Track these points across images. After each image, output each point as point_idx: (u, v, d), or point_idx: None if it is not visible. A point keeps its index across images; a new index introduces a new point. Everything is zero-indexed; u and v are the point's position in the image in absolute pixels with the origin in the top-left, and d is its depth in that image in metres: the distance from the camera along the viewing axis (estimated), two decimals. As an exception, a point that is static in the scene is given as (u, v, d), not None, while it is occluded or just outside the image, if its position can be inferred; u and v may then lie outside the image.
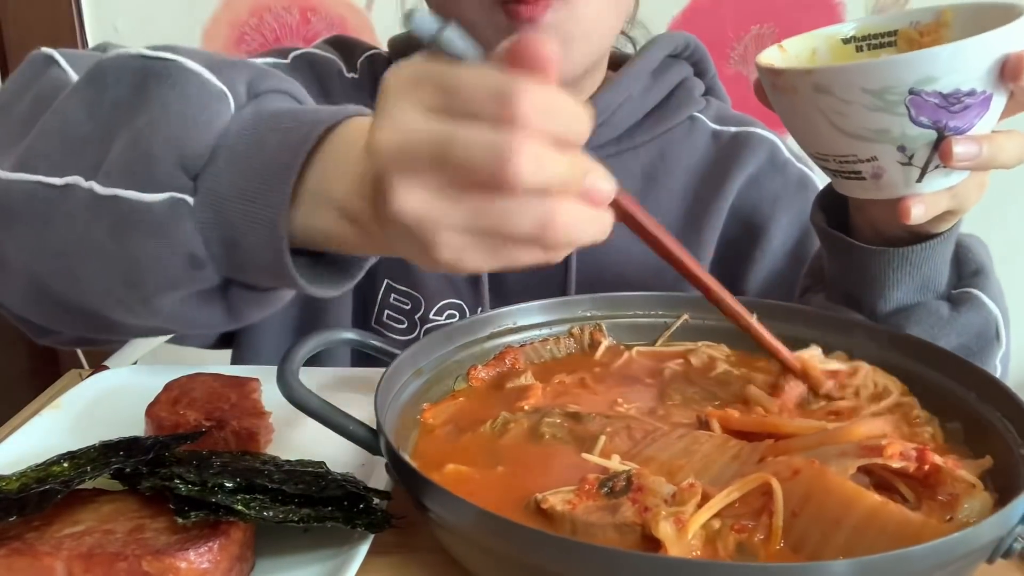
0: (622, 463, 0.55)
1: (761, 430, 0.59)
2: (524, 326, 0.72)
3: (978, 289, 0.75)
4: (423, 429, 0.62)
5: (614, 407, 0.64)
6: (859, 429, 0.55)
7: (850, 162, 0.64)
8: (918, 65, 0.58)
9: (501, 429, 0.61)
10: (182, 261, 0.56)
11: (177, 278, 0.57)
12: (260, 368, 0.74)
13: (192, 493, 0.50)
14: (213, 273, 0.57)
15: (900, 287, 0.74)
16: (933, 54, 0.58)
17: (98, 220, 0.56)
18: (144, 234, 0.55)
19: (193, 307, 0.59)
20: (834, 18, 1.64)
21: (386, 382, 0.58)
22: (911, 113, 0.59)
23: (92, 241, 0.57)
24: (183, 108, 0.56)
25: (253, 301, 0.61)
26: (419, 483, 0.49)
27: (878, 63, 0.59)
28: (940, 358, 0.64)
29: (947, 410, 0.62)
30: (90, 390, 0.74)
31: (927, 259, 0.72)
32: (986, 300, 0.75)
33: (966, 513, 0.49)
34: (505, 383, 0.68)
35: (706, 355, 0.72)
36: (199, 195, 0.55)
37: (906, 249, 0.72)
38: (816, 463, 0.50)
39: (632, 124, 0.96)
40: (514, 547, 0.45)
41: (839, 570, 0.42)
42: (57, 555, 0.47)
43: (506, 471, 0.56)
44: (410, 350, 0.63)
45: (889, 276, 0.73)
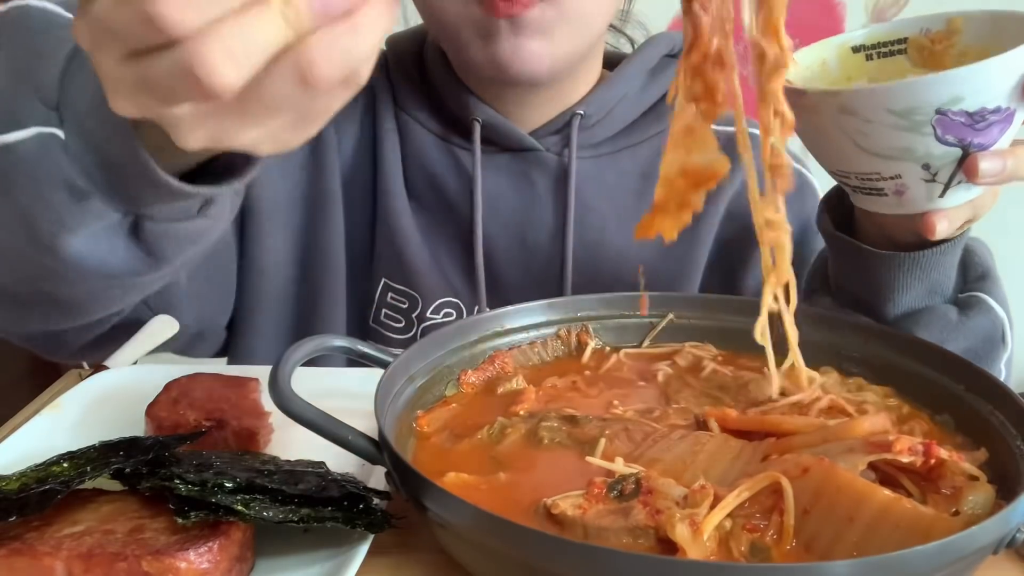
0: (626, 466, 0.54)
1: (760, 428, 0.59)
2: (512, 329, 0.72)
3: (985, 293, 0.75)
4: (419, 437, 0.62)
5: (610, 409, 0.64)
6: (862, 425, 0.55)
7: (872, 179, 0.64)
8: (945, 86, 0.58)
9: (498, 435, 0.61)
10: (64, 195, 0.54)
11: (66, 214, 0.55)
12: (260, 368, 0.74)
13: (192, 493, 0.50)
14: (100, 202, 0.55)
15: (909, 291, 0.74)
16: (961, 75, 0.57)
17: None
18: (21, 176, 0.54)
19: (105, 249, 0.57)
20: (834, 18, 1.64)
21: (382, 390, 0.58)
22: (937, 132, 0.59)
23: None
24: (29, 40, 0.55)
25: (169, 234, 0.58)
26: (430, 494, 0.49)
27: (905, 85, 0.59)
28: (926, 351, 0.65)
29: (936, 403, 0.63)
30: (90, 390, 0.74)
31: (936, 264, 0.72)
32: (993, 304, 0.75)
33: (971, 506, 0.50)
34: (496, 388, 0.68)
35: (691, 355, 0.72)
36: (65, 124, 0.53)
37: (916, 254, 0.71)
38: (826, 460, 0.50)
39: (629, 123, 0.96)
40: (536, 555, 0.45)
41: (843, 570, 0.42)
42: (57, 555, 0.47)
43: (509, 478, 0.56)
44: (403, 356, 0.63)
45: (899, 280, 0.73)
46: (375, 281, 0.95)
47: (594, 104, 0.91)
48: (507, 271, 0.94)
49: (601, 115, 0.92)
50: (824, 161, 0.67)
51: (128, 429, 0.61)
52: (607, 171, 0.94)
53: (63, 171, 0.54)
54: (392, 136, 0.95)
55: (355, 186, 0.95)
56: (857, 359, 0.69)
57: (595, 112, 0.92)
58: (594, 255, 0.93)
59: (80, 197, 0.55)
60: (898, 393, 0.65)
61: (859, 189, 0.67)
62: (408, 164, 0.94)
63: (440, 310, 0.94)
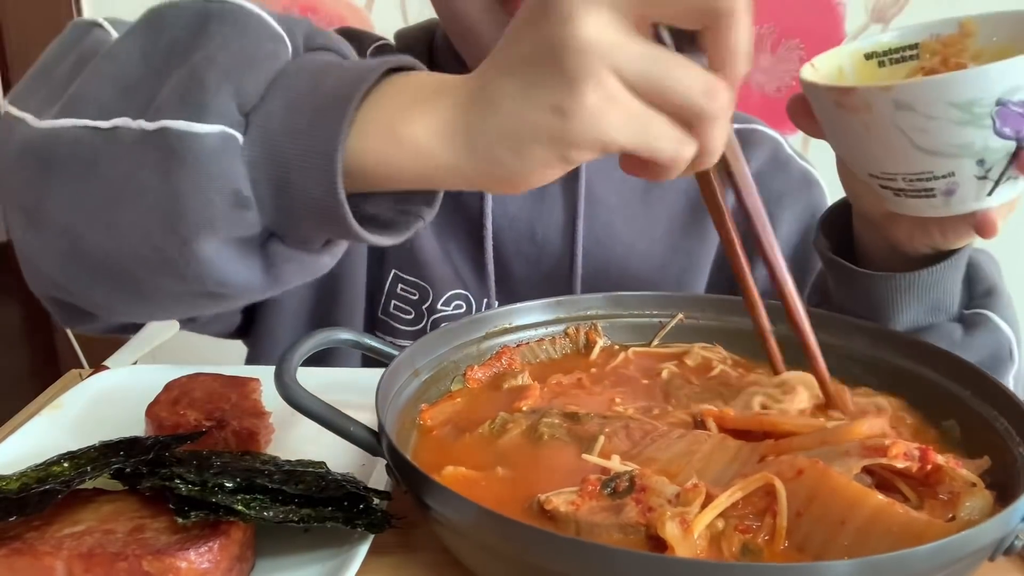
0: (623, 463, 0.55)
1: (758, 428, 0.59)
2: (520, 326, 0.72)
3: (990, 310, 0.75)
4: (421, 430, 0.62)
5: (611, 407, 0.64)
6: (859, 428, 0.55)
7: (923, 180, 0.62)
8: (1007, 75, 0.57)
9: (500, 429, 0.61)
10: (227, 199, 0.54)
11: (219, 217, 0.55)
12: (260, 368, 0.74)
13: (192, 493, 0.50)
14: (256, 216, 0.55)
15: (908, 311, 0.73)
16: (1020, 64, 0.56)
17: (144, 157, 0.54)
18: (191, 167, 0.53)
19: (232, 258, 0.57)
20: (834, 18, 1.64)
21: (385, 383, 0.58)
22: (996, 124, 0.58)
23: (136, 181, 0.55)
24: (242, 44, 0.55)
25: (294, 260, 0.59)
26: (424, 485, 0.49)
27: (965, 75, 0.57)
28: (932, 355, 0.64)
29: (942, 408, 0.62)
30: (90, 390, 0.74)
31: (936, 282, 0.72)
32: (999, 322, 0.74)
33: (968, 512, 0.49)
34: (502, 383, 0.68)
35: (700, 356, 0.72)
36: (250, 132, 0.54)
37: (913, 274, 0.71)
38: (820, 463, 0.50)
39: None
40: (524, 549, 0.45)
41: (843, 570, 0.42)
42: (57, 555, 0.47)
43: (506, 472, 0.56)
44: (408, 350, 0.63)
45: (897, 300, 0.73)
46: (385, 271, 0.95)
47: None
48: (516, 264, 0.94)
49: None
50: (867, 164, 0.65)
51: (128, 429, 0.61)
52: (615, 164, 0.94)
53: (236, 175, 0.54)
54: None
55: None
56: (863, 361, 0.68)
57: None
58: (603, 248, 0.93)
59: (240, 204, 0.55)
60: (909, 406, 0.64)
61: (904, 192, 0.64)
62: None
63: (450, 302, 0.94)
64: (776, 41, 1.66)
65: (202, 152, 0.53)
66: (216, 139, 0.53)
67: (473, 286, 0.94)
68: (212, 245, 0.56)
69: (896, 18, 1.64)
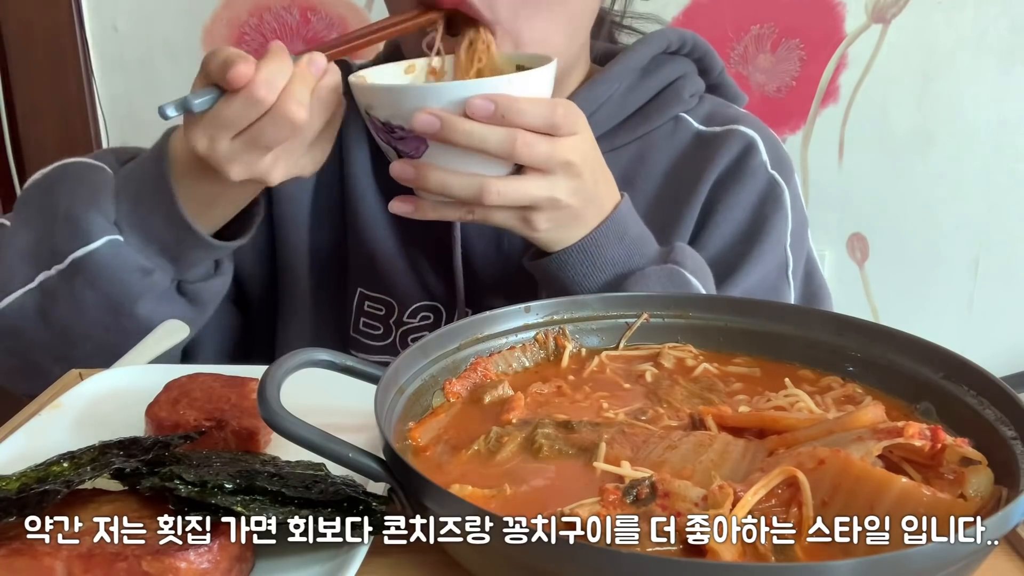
0: (635, 469, 0.54)
1: (758, 425, 0.59)
2: (492, 335, 0.70)
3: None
4: (415, 451, 0.60)
5: (600, 413, 0.63)
6: (864, 415, 0.55)
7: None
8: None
9: (495, 444, 0.59)
10: (136, 275, 0.81)
11: (140, 288, 0.81)
12: (260, 368, 0.73)
13: (192, 494, 0.50)
14: (163, 276, 0.83)
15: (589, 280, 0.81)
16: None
17: (72, 285, 0.81)
18: (104, 270, 0.80)
19: (166, 305, 0.84)
20: (834, 18, 1.64)
21: (380, 405, 0.56)
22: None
23: (77, 301, 0.81)
24: (84, 185, 0.83)
25: (203, 289, 0.86)
26: (455, 511, 0.48)
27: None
28: (900, 342, 0.64)
29: (915, 392, 0.62)
30: (90, 390, 0.74)
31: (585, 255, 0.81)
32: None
33: (974, 489, 0.50)
34: (483, 395, 0.66)
35: (673, 357, 0.71)
36: (123, 230, 0.81)
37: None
38: (841, 451, 0.50)
39: (614, 125, 0.94)
40: (579, 571, 0.44)
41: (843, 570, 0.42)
42: (57, 555, 0.47)
43: (517, 489, 0.54)
44: (392, 368, 0.60)
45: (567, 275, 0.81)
46: (350, 292, 0.95)
47: (577, 104, 0.90)
48: (485, 274, 0.94)
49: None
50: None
51: (128, 429, 0.61)
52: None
53: (132, 259, 0.81)
54: (361, 145, 0.95)
55: (320, 199, 0.96)
56: (827, 349, 0.68)
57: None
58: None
59: (146, 273, 0.82)
60: (883, 393, 0.64)
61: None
62: (380, 171, 0.93)
63: (416, 314, 0.94)
64: (776, 41, 1.65)
65: (104, 258, 0.80)
66: (107, 246, 0.80)
67: (441, 297, 0.94)
68: (149, 305, 0.82)
69: (896, 18, 1.64)
